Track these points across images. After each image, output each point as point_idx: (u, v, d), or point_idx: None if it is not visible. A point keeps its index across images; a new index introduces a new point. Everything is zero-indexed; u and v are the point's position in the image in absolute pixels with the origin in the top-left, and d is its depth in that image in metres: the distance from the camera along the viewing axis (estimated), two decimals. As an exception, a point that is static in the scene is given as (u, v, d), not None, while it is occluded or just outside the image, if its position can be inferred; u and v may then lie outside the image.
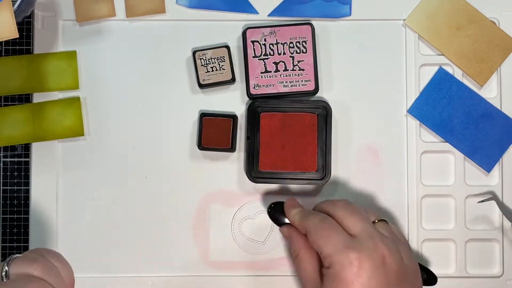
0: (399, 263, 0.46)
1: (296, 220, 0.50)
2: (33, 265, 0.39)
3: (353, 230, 0.46)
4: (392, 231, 0.49)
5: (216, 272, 0.57)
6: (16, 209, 0.58)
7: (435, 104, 0.57)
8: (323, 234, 0.46)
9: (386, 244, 0.46)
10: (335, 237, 0.46)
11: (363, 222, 0.47)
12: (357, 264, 0.44)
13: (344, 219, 0.47)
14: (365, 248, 0.45)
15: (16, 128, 0.56)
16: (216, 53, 0.56)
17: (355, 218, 0.47)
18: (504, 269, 0.57)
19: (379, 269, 0.44)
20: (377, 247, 0.45)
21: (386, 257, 0.45)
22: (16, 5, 0.51)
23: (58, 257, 0.42)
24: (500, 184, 0.57)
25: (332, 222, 0.47)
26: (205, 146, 0.56)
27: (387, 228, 0.49)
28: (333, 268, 0.45)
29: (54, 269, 0.40)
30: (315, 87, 0.56)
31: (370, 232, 0.46)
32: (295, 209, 0.51)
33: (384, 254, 0.45)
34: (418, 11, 0.57)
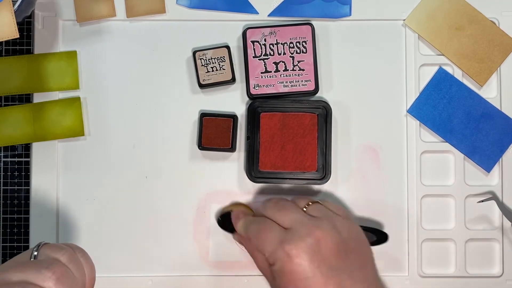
0: (336, 239, 0.47)
1: (242, 233, 0.52)
2: (61, 252, 0.41)
3: (285, 223, 0.48)
4: (325, 209, 0.50)
5: (216, 272, 0.57)
6: (16, 209, 0.58)
7: (435, 104, 0.57)
8: (261, 237, 0.48)
9: (319, 225, 0.47)
10: (270, 236, 0.48)
11: (292, 213, 0.49)
12: (295, 254, 0.46)
13: (275, 216, 0.49)
14: (298, 236, 0.46)
15: (16, 128, 0.56)
16: (216, 53, 0.56)
17: (284, 212, 0.49)
18: (504, 269, 0.57)
19: (316, 251, 0.46)
20: (310, 232, 0.47)
21: (321, 238, 0.46)
22: (16, 5, 0.51)
23: (84, 254, 0.43)
24: (500, 184, 0.57)
25: (267, 223, 0.49)
26: (205, 146, 0.56)
27: (319, 208, 0.50)
28: (276, 265, 0.47)
29: (79, 262, 0.42)
30: (315, 87, 0.56)
31: (300, 220, 0.48)
32: (239, 221, 0.53)
33: (318, 236, 0.46)
34: (418, 11, 0.57)
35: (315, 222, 0.48)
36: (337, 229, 0.48)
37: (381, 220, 0.57)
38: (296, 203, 0.51)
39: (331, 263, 0.46)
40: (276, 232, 0.48)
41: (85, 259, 0.43)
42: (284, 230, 0.48)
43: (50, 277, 0.38)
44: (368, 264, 0.49)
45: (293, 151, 0.55)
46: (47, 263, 0.39)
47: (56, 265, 0.39)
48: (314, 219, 0.48)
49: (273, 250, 0.47)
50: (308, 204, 0.50)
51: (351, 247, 0.48)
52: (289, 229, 0.48)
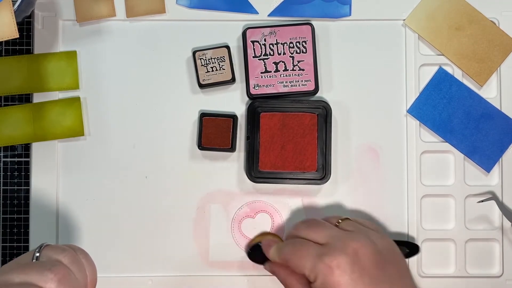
0: (373, 249, 0.47)
1: (276, 259, 0.52)
2: (63, 253, 0.41)
3: (320, 240, 0.49)
4: (358, 224, 0.51)
5: (216, 272, 0.57)
6: (16, 209, 0.58)
7: (435, 104, 0.57)
8: (297, 256, 0.49)
9: (354, 238, 0.48)
10: (307, 253, 0.48)
11: (326, 229, 0.49)
12: (336, 265, 0.46)
13: (309, 235, 0.50)
14: (336, 249, 0.47)
15: (16, 128, 0.56)
16: (216, 53, 0.56)
17: (318, 229, 0.50)
18: (504, 269, 0.57)
19: (356, 262, 0.46)
20: (347, 244, 0.47)
21: (358, 249, 0.47)
22: (16, 5, 0.51)
23: (86, 255, 0.43)
24: (500, 184, 0.57)
25: (302, 242, 0.49)
26: (205, 146, 0.56)
27: (351, 223, 0.51)
28: (318, 279, 0.47)
29: (80, 263, 0.42)
30: (315, 87, 0.56)
31: (335, 235, 0.49)
32: (271, 248, 0.53)
33: (355, 247, 0.47)
34: (418, 11, 0.57)
35: (350, 235, 0.48)
36: (372, 241, 0.48)
37: (381, 220, 0.57)
38: (327, 220, 0.51)
39: (371, 274, 0.46)
40: (313, 248, 0.48)
41: (86, 260, 0.43)
42: (320, 246, 0.48)
43: (52, 279, 0.38)
44: (406, 275, 0.49)
45: (293, 151, 0.55)
46: (49, 264, 0.39)
47: (58, 266, 0.39)
48: (348, 232, 0.49)
49: (312, 265, 0.47)
50: (339, 221, 0.51)
51: (388, 258, 0.48)
52: (326, 244, 0.48)
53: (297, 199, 0.57)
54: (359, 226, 0.51)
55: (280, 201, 0.57)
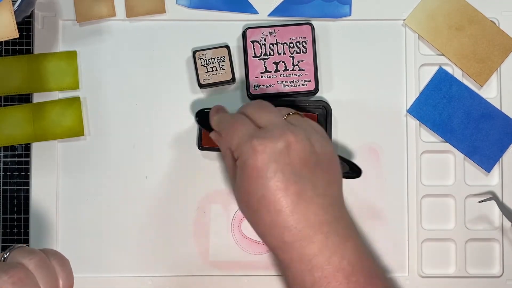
0: (308, 149, 0.45)
1: (215, 127, 0.51)
2: (29, 256, 0.40)
3: (260, 122, 0.47)
4: (305, 122, 0.49)
5: (216, 272, 0.57)
6: (16, 209, 0.58)
7: (435, 104, 0.57)
8: (231, 129, 0.47)
9: (293, 131, 0.46)
10: (241, 130, 0.46)
11: (271, 114, 0.48)
12: (260, 150, 0.44)
13: (253, 114, 0.48)
14: (269, 135, 0.45)
15: (16, 128, 0.56)
16: (216, 53, 0.56)
17: (263, 112, 0.48)
18: (504, 269, 0.57)
19: (284, 154, 0.44)
20: (283, 134, 0.45)
21: (292, 143, 0.45)
22: (16, 5, 0.51)
23: (61, 260, 0.42)
24: (500, 184, 0.57)
25: (241, 118, 0.48)
26: (205, 146, 0.56)
27: (299, 119, 0.49)
28: (240, 158, 0.46)
29: (50, 269, 0.40)
30: (315, 87, 0.56)
31: (276, 122, 0.47)
32: (216, 115, 0.51)
33: (289, 140, 0.45)
34: (418, 11, 0.57)
35: (291, 127, 0.46)
36: (311, 141, 0.46)
37: (381, 220, 0.57)
38: (278, 109, 0.49)
39: (296, 170, 0.45)
40: (248, 127, 0.47)
41: (61, 266, 0.41)
42: (257, 128, 0.47)
43: (6, 281, 0.37)
44: (334, 184, 0.47)
45: (293, 151, 0.55)
46: (7, 266, 0.38)
47: (16, 269, 0.38)
48: (290, 125, 0.47)
49: (240, 143, 0.46)
50: (289, 113, 0.49)
51: (321, 162, 0.46)
52: (263, 128, 0.46)
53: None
54: (305, 124, 0.48)
55: (280, 201, 0.57)
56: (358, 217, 0.57)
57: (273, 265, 0.57)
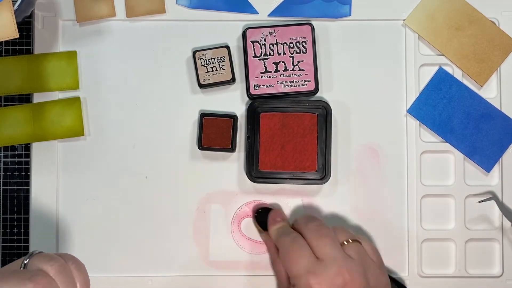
0: (363, 286, 0.46)
1: (273, 237, 0.52)
2: (50, 262, 0.41)
3: (319, 253, 0.48)
4: (363, 252, 0.49)
5: (216, 272, 0.57)
6: (16, 209, 0.58)
7: (435, 104, 0.57)
8: (291, 256, 0.48)
9: (350, 268, 0.46)
10: (300, 261, 0.47)
11: (330, 246, 0.48)
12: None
13: (313, 241, 0.49)
14: (327, 273, 0.46)
15: (16, 128, 0.56)
16: (216, 53, 0.56)
17: (323, 242, 0.48)
18: (504, 269, 0.57)
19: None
20: (340, 272, 0.46)
21: (348, 282, 0.46)
22: (16, 5, 0.51)
23: (78, 265, 0.43)
24: (500, 184, 0.57)
25: (301, 244, 0.49)
26: (205, 146, 0.56)
27: (357, 249, 0.49)
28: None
29: (69, 274, 0.41)
30: (315, 87, 0.56)
31: (335, 256, 0.47)
32: (275, 225, 0.53)
33: (345, 279, 0.46)
34: (418, 11, 0.57)
35: (348, 264, 0.47)
36: (366, 276, 0.47)
37: (381, 220, 0.57)
38: (336, 234, 0.50)
39: None
40: (307, 258, 0.47)
41: (78, 270, 0.42)
42: (315, 260, 0.47)
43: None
44: None
45: (293, 151, 0.55)
46: (30, 273, 0.39)
47: (39, 276, 0.39)
48: (348, 259, 0.47)
49: (298, 275, 0.47)
50: (348, 241, 0.49)
51: None
52: (321, 261, 0.47)
53: (297, 199, 0.57)
54: (363, 255, 0.49)
55: (280, 201, 0.57)
56: (358, 217, 0.57)
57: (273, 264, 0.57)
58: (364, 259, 0.49)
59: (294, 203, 0.57)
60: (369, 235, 0.57)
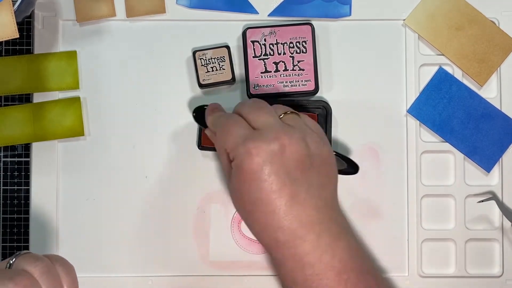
0: (303, 151, 0.45)
1: (210, 127, 0.51)
2: (35, 263, 0.40)
3: (255, 124, 0.47)
4: (301, 122, 0.48)
5: (216, 272, 0.57)
6: (16, 209, 0.58)
7: (435, 104, 0.57)
8: (227, 131, 0.47)
9: (288, 133, 0.46)
10: (236, 132, 0.46)
11: (267, 115, 0.47)
12: (256, 153, 0.44)
13: (249, 114, 0.48)
14: (264, 138, 0.45)
15: (16, 128, 0.56)
16: (216, 53, 0.56)
17: (258, 113, 0.47)
18: (504, 269, 0.57)
19: (278, 156, 0.45)
20: (277, 136, 0.45)
21: (286, 145, 0.45)
22: (16, 5, 0.51)
23: (66, 266, 0.42)
24: (500, 184, 0.57)
25: (236, 119, 0.48)
26: (205, 146, 0.56)
27: (296, 119, 0.48)
28: (235, 160, 0.46)
29: (55, 275, 0.40)
30: (315, 87, 0.56)
31: (271, 124, 0.46)
32: (211, 115, 0.51)
33: (284, 142, 0.45)
34: (418, 11, 0.57)
35: (286, 129, 0.46)
36: (306, 142, 0.46)
37: (381, 219, 0.57)
38: (274, 108, 0.49)
39: (290, 172, 0.45)
40: (243, 129, 0.46)
41: (66, 272, 0.42)
42: (252, 130, 0.47)
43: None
44: (329, 186, 0.48)
45: (293, 151, 0.55)
46: (13, 274, 0.38)
47: (21, 276, 0.38)
48: (286, 126, 0.47)
49: (235, 145, 0.46)
50: (286, 112, 0.49)
51: (315, 164, 0.46)
52: (257, 130, 0.46)
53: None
54: (302, 124, 0.48)
55: (280, 201, 0.57)
56: (358, 217, 0.57)
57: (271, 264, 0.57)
58: (302, 127, 0.48)
59: (294, 203, 0.57)
60: (369, 235, 0.57)
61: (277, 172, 0.44)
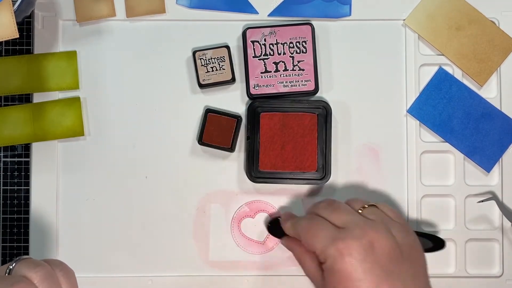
0: (391, 243, 0.46)
1: (290, 231, 0.51)
2: (35, 269, 0.40)
3: (338, 222, 0.47)
4: (382, 213, 0.49)
5: (216, 272, 0.57)
6: (16, 209, 0.58)
7: (435, 104, 0.57)
8: (312, 233, 0.47)
9: (374, 227, 0.46)
10: (322, 233, 0.47)
11: (347, 214, 0.48)
12: (347, 253, 0.45)
13: (329, 216, 0.48)
14: (352, 236, 0.45)
15: (16, 128, 0.56)
16: (216, 53, 0.56)
17: (339, 212, 0.48)
18: (504, 269, 0.57)
19: (369, 253, 0.45)
20: (364, 233, 0.45)
21: (375, 240, 0.45)
22: (16, 5, 0.51)
23: (66, 272, 0.42)
24: (500, 184, 0.57)
25: (319, 220, 0.48)
26: (205, 142, 0.56)
27: (376, 211, 0.49)
28: (327, 262, 0.46)
29: (55, 281, 0.40)
30: (315, 87, 0.56)
31: (355, 221, 0.47)
32: (288, 221, 0.52)
33: (372, 238, 0.45)
34: (418, 11, 0.57)
35: (370, 223, 0.46)
36: (392, 233, 0.46)
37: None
38: (350, 204, 0.50)
39: (383, 268, 0.45)
40: (328, 229, 0.47)
41: (66, 277, 0.41)
42: (337, 229, 0.47)
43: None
44: (421, 274, 0.48)
45: (293, 151, 0.55)
46: (13, 280, 0.38)
47: (21, 283, 0.38)
48: (369, 221, 0.47)
49: (324, 247, 0.46)
50: (364, 206, 0.49)
51: (405, 254, 0.46)
52: (342, 228, 0.46)
53: (297, 199, 0.57)
54: (382, 215, 0.48)
55: (280, 201, 0.57)
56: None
57: (273, 265, 0.57)
58: (384, 219, 0.48)
59: (294, 203, 0.57)
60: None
61: (372, 269, 0.44)
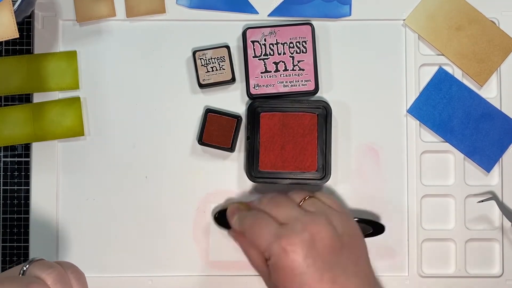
0: (331, 234, 0.47)
1: (236, 227, 0.52)
2: (48, 270, 0.40)
3: (280, 218, 0.49)
4: (321, 204, 0.50)
5: (216, 272, 0.57)
6: (16, 209, 0.58)
7: (435, 104, 0.57)
8: (256, 232, 0.49)
9: (314, 221, 0.48)
10: (265, 231, 0.48)
11: (288, 208, 0.49)
12: (290, 249, 0.46)
13: (271, 211, 0.50)
14: (293, 231, 0.47)
15: (16, 128, 0.56)
16: (216, 53, 0.56)
17: (280, 208, 0.49)
18: (504, 269, 0.57)
19: (311, 247, 0.46)
20: (305, 227, 0.47)
21: (316, 234, 0.47)
22: (16, 5, 0.51)
23: (77, 274, 0.43)
24: (500, 184, 0.57)
25: (262, 217, 0.49)
26: (205, 142, 0.56)
27: (315, 202, 0.50)
28: (272, 259, 0.47)
29: (67, 283, 0.41)
30: (315, 87, 0.56)
31: (295, 216, 0.48)
32: (234, 216, 0.53)
33: (313, 231, 0.47)
34: (418, 11, 0.57)
35: (311, 217, 0.48)
36: (332, 224, 0.48)
37: (381, 220, 0.57)
38: (291, 198, 0.51)
39: (325, 259, 0.46)
40: (271, 226, 0.48)
41: (77, 280, 0.42)
42: (279, 225, 0.48)
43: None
44: (361, 259, 0.49)
45: (293, 151, 0.55)
46: (28, 280, 0.39)
47: (35, 283, 0.39)
48: (309, 214, 0.49)
49: (268, 244, 0.47)
50: (304, 199, 0.51)
51: (346, 242, 0.48)
52: (285, 224, 0.48)
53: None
54: (322, 206, 0.50)
55: (280, 201, 0.57)
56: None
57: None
58: (324, 210, 0.49)
59: (294, 203, 0.57)
60: (369, 235, 0.57)
61: (314, 262, 0.46)
